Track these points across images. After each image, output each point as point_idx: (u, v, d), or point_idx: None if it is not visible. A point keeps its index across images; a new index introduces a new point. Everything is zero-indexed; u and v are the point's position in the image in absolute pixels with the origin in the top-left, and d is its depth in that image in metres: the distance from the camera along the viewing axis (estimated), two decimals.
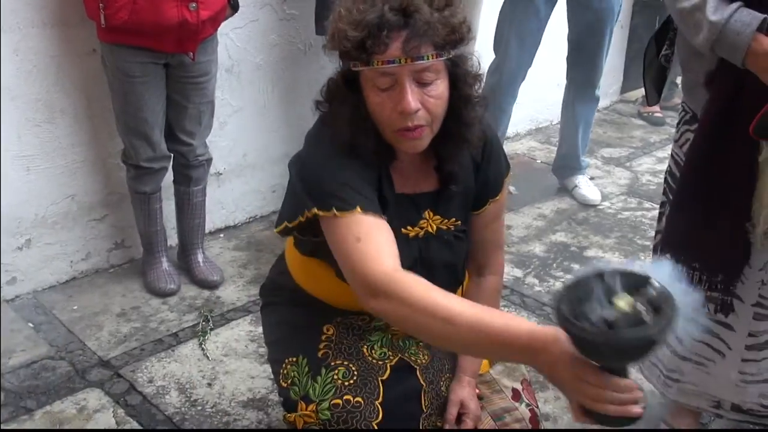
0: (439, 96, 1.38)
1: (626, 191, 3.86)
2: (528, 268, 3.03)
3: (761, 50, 1.48)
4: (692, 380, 1.95)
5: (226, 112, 3.08)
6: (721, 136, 1.63)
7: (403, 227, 1.54)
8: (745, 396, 1.93)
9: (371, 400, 1.55)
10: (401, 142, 1.41)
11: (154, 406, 2.19)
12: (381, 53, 1.31)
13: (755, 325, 1.84)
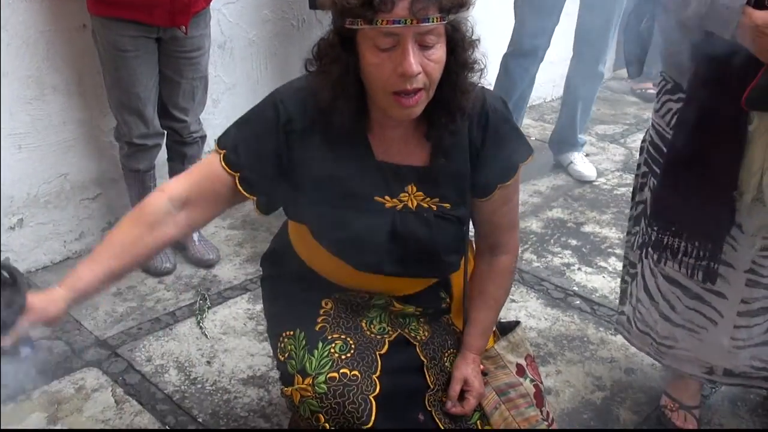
0: (438, 60, 1.35)
1: (621, 167, 3.86)
2: (526, 245, 3.03)
3: (750, 23, 1.47)
4: (685, 346, 1.96)
5: (219, 89, 3.05)
6: (708, 105, 1.62)
7: (379, 195, 1.51)
8: (736, 361, 1.95)
9: (369, 374, 1.53)
10: (395, 108, 1.37)
11: (153, 384, 2.17)
12: (387, 12, 1.27)
13: (748, 292, 1.85)
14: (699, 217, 1.73)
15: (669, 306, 1.95)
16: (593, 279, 2.80)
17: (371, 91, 1.39)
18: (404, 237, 1.52)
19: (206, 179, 1.45)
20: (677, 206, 1.76)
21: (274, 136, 1.46)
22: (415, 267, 1.58)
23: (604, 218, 3.29)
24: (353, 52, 1.35)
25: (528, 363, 1.82)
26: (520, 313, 2.56)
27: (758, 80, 1.52)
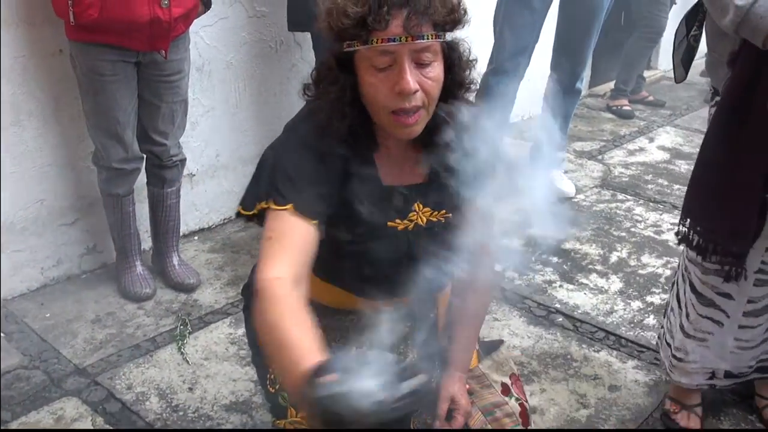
0: (435, 78, 1.35)
1: (600, 183, 3.89)
2: (507, 263, 3.03)
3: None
4: (694, 358, 2.02)
5: (198, 112, 3.04)
6: (741, 111, 1.68)
7: (391, 220, 1.51)
8: (738, 362, 2.02)
9: None
10: (395, 126, 1.37)
11: (135, 413, 2.14)
12: (381, 30, 1.28)
13: (755, 291, 1.92)
14: (728, 219, 1.77)
15: (685, 314, 2.01)
16: (575, 296, 2.81)
17: (372, 111, 1.38)
18: (419, 256, 1.52)
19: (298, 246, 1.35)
20: (708, 207, 1.81)
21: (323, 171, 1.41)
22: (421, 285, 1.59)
23: (584, 235, 3.31)
24: (352, 75, 1.35)
25: (513, 382, 1.81)
26: (503, 332, 2.56)
27: None
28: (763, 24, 1.56)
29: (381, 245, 1.49)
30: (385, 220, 1.50)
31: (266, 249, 1.33)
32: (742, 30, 1.61)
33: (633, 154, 4.34)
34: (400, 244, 1.52)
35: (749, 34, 1.60)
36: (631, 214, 3.53)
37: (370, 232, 1.49)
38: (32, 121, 2.57)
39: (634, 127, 4.80)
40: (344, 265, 1.51)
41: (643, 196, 3.72)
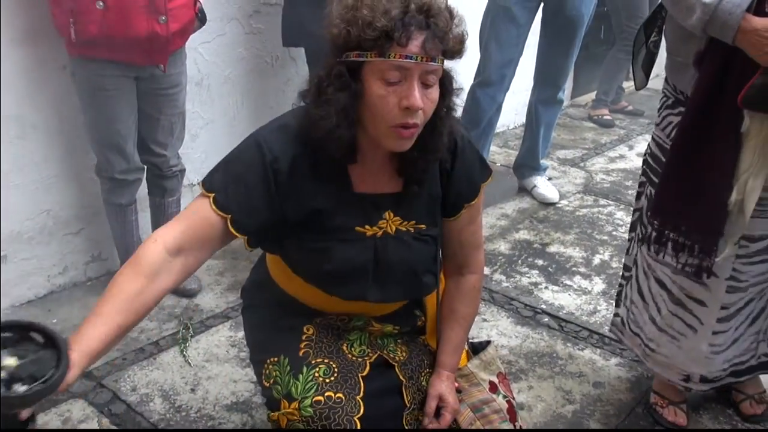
0: (434, 100, 1.37)
1: (582, 190, 3.90)
2: (495, 266, 3.04)
3: (750, 28, 1.54)
4: (665, 352, 2.01)
5: (198, 125, 3.04)
6: (710, 109, 1.68)
7: (359, 226, 1.51)
8: (712, 367, 2.00)
9: (352, 396, 1.53)
10: (392, 138, 1.37)
11: (139, 414, 2.13)
12: (402, 47, 1.29)
13: (727, 298, 1.90)
14: (697, 216, 1.77)
15: (656, 308, 1.99)
16: (560, 297, 2.82)
17: (370, 122, 1.37)
18: (387, 261, 1.53)
19: (198, 224, 1.40)
20: (676, 202, 1.79)
21: (261, 176, 1.41)
22: (396, 291, 1.59)
23: (568, 238, 3.32)
24: (359, 83, 1.35)
25: (500, 380, 1.82)
26: (491, 332, 2.57)
27: (754, 80, 1.57)
28: (732, 20, 1.55)
29: (346, 248, 1.50)
30: (353, 225, 1.51)
31: (170, 223, 1.42)
32: (710, 28, 1.59)
33: (613, 162, 4.36)
34: (366, 248, 1.52)
35: (717, 32, 1.59)
36: (613, 219, 3.54)
37: (337, 236, 1.50)
38: (38, 134, 2.56)
39: (614, 136, 4.82)
40: (313, 263, 1.52)
41: (623, 201, 3.73)
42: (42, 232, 2.67)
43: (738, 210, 1.74)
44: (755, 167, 1.69)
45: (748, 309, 1.95)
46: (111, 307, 1.28)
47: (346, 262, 1.49)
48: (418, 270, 1.58)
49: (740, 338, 1.99)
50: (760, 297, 1.96)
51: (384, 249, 1.52)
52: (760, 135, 1.66)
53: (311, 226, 1.48)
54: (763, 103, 1.60)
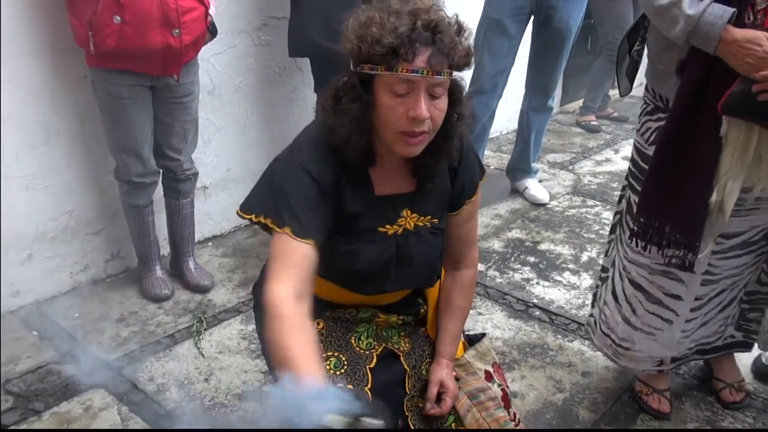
0: (442, 110, 1.38)
1: (571, 191, 3.90)
2: (489, 263, 3.04)
3: (731, 38, 1.54)
4: (641, 348, 2.00)
5: (210, 131, 3.04)
6: (691, 114, 1.67)
7: (381, 226, 1.52)
8: (681, 348, 2.02)
9: (361, 387, 1.53)
10: (401, 145, 1.38)
11: (156, 402, 2.13)
12: (408, 62, 1.30)
13: (701, 290, 1.91)
14: (681, 214, 1.76)
15: (631, 309, 1.98)
16: (550, 292, 2.82)
17: (381, 129, 1.39)
18: (408, 256, 1.54)
19: (297, 264, 1.36)
20: (660, 201, 1.79)
21: (318, 196, 1.41)
22: (411, 281, 1.60)
23: (558, 237, 3.31)
24: (370, 94, 1.36)
25: (495, 369, 1.82)
26: (486, 325, 2.57)
27: (734, 88, 1.57)
28: (714, 31, 1.55)
29: (372, 248, 1.51)
30: (376, 226, 1.51)
31: (271, 269, 1.36)
32: (693, 38, 1.59)
33: (600, 165, 4.35)
34: (389, 246, 1.53)
35: (700, 42, 1.59)
36: (600, 218, 3.54)
37: (364, 237, 1.50)
38: (61, 140, 2.56)
39: (600, 141, 4.82)
40: (341, 265, 1.52)
41: (609, 201, 3.73)
42: (65, 232, 2.68)
43: (718, 210, 1.74)
44: (734, 170, 1.68)
45: (720, 298, 1.96)
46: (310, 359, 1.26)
47: (372, 261, 1.50)
48: (433, 261, 1.61)
49: (710, 321, 2.00)
50: (732, 288, 1.97)
51: (405, 245, 1.54)
52: (738, 140, 1.65)
53: (342, 229, 1.48)
54: (742, 110, 1.59)
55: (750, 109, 1.58)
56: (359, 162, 1.44)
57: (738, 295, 2.01)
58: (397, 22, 1.31)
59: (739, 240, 1.86)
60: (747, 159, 1.66)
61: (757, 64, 1.52)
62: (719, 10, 1.55)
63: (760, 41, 1.51)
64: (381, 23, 1.31)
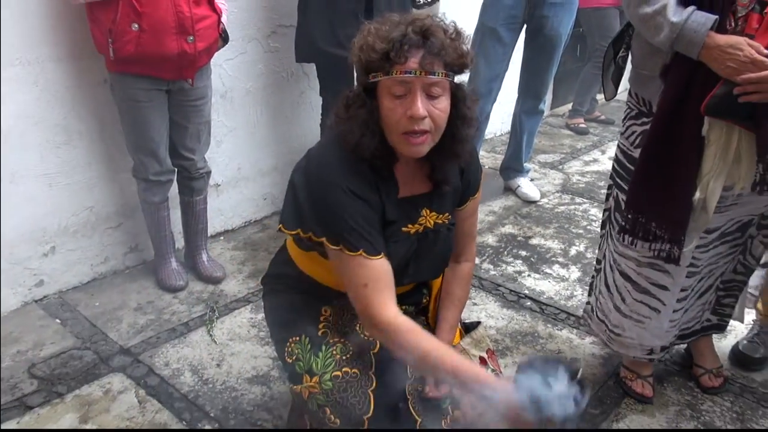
0: (442, 110, 1.37)
1: (560, 189, 3.89)
2: (483, 256, 3.04)
3: (713, 44, 1.54)
4: (631, 335, 2.00)
5: (222, 132, 3.03)
6: (675, 116, 1.67)
7: (404, 226, 1.53)
8: (670, 337, 2.02)
9: (366, 371, 1.53)
10: (405, 145, 1.38)
11: (171, 385, 2.13)
12: (401, 64, 1.31)
13: (686, 282, 1.91)
14: (667, 210, 1.76)
15: (621, 298, 1.98)
16: (541, 283, 2.82)
17: (387, 131, 1.40)
18: (427, 251, 1.55)
19: (385, 282, 1.40)
20: (648, 198, 1.78)
21: (372, 213, 1.43)
22: (424, 273, 1.62)
23: (548, 232, 3.31)
24: (375, 100, 1.38)
25: (489, 356, 1.82)
26: (480, 314, 2.57)
27: (716, 91, 1.57)
28: (697, 37, 1.54)
29: (398, 248, 1.52)
30: (400, 226, 1.52)
31: (368, 296, 1.39)
32: (677, 44, 1.58)
33: (588, 165, 4.35)
34: (411, 244, 1.54)
35: (683, 48, 1.58)
36: (587, 215, 3.53)
37: (392, 239, 1.51)
38: (82, 140, 2.56)
39: (588, 142, 4.81)
40: None
41: (596, 199, 3.73)
42: (86, 226, 2.68)
43: (701, 207, 1.74)
44: (716, 170, 1.68)
45: (699, 285, 1.97)
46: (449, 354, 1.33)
47: (396, 260, 1.50)
48: (447, 255, 1.64)
49: (689, 308, 2.01)
50: (709, 276, 1.98)
51: (425, 242, 1.55)
52: (719, 141, 1.65)
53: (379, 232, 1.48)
54: (723, 112, 1.59)
55: (731, 111, 1.57)
56: (381, 163, 1.43)
57: (714, 283, 2.02)
58: (391, 30, 1.33)
59: (717, 233, 1.87)
60: (728, 159, 1.66)
61: (739, 68, 1.51)
62: (702, 18, 1.55)
63: (742, 46, 1.51)
64: (377, 33, 1.34)
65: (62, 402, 2.05)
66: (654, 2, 1.61)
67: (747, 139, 1.64)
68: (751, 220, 1.90)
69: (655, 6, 1.60)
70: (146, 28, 2.16)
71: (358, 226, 1.40)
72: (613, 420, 2.02)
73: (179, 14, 2.19)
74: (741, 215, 1.86)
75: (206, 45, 2.33)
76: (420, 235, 1.54)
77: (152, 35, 2.18)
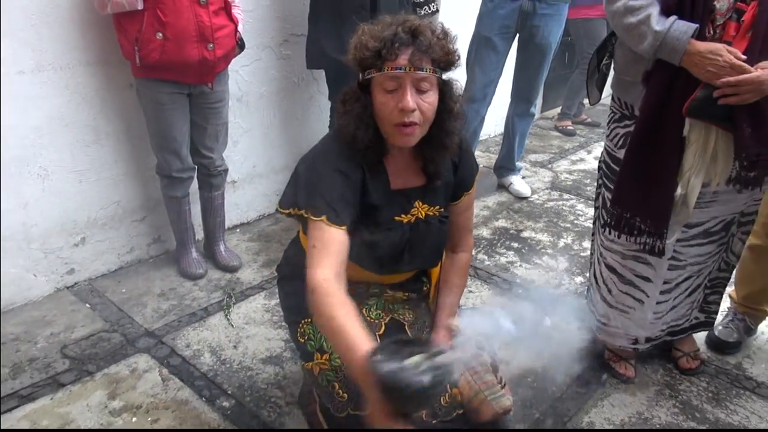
0: (431, 103, 1.37)
1: (549, 186, 3.88)
2: (478, 248, 3.03)
3: (694, 51, 1.54)
4: (616, 324, 1.99)
5: (238, 133, 3.03)
6: (658, 119, 1.66)
7: (397, 216, 1.52)
8: (654, 330, 1.99)
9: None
10: (396, 136, 1.39)
11: (192, 365, 2.14)
12: (392, 61, 1.31)
13: (669, 275, 1.89)
14: (650, 207, 1.74)
15: (607, 290, 1.97)
16: (531, 273, 2.81)
17: (380, 124, 1.40)
18: (419, 241, 1.55)
19: (335, 248, 1.36)
20: (632, 195, 1.77)
21: (348, 190, 1.42)
22: (420, 262, 1.61)
23: (538, 226, 3.30)
24: (369, 95, 1.39)
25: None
26: (476, 301, 2.56)
27: (696, 94, 1.57)
28: (679, 45, 1.54)
29: (391, 236, 1.51)
30: (393, 216, 1.51)
31: (313, 256, 1.35)
32: (660, 51, 1.57)
33: (575, 164, 4.33)
34: (404, 233, 1.53)
35: (667, 55, 1.57)
36: (574, 210, 3.52)
37: (384, 227, 1.50)
38: (109, 140, 2.56)
39: (575, 143, 4.80)
40: (365, 251, 1.52)
41: (583, 195, 3.72)
42: (113, 219, 2.68)
43: (682, 203, 1.73)
44: (696, 168, 1.67)
45: (687, 284, 1.94)
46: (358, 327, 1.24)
47: (390, 247, 1.51)
48: (440, 245, 1.62)
49: (678, 305, 1.98)
50: (698, 275, 1.95)
51: (417, 231, 1.54)
52: (699, 141, 1.64)
53: (366, 220, 1.48)
54: (703, 113, 1.58)
55: (711, 113, 1.57)
56: (373, 153, 1.44)
57: (703, 282, 1.99)
58: (383, 30, 1.33)
59: (700, 229, 1.85)
60: (706, 157, 1.65)
61: (719, 72, 1.51)
62: (684, 26, 1.54)
63: (721, 52, 1.50)
64: (370, 33, 1.35)
65: (92, 380, 2.05)
66: (638, 13, 1.60)
67: (723, 139, 1.63)
68: (733, 218, 1.89)
69: (639, 16, 1.59)
70: (170, 37, 2.15)
71: (328, 196, 1.39)
72: (597, 398, 2.02)
73: (200, 24, 2.18)
74: (724, 214, 1.84)
75: (225, 52, 2.33)
76: (412, 225, 1.54)
77: (175, 43, 2.17)
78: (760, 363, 2.19)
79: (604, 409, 1.97)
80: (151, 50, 2.18)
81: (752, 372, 2.14)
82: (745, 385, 2.08)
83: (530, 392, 2.02)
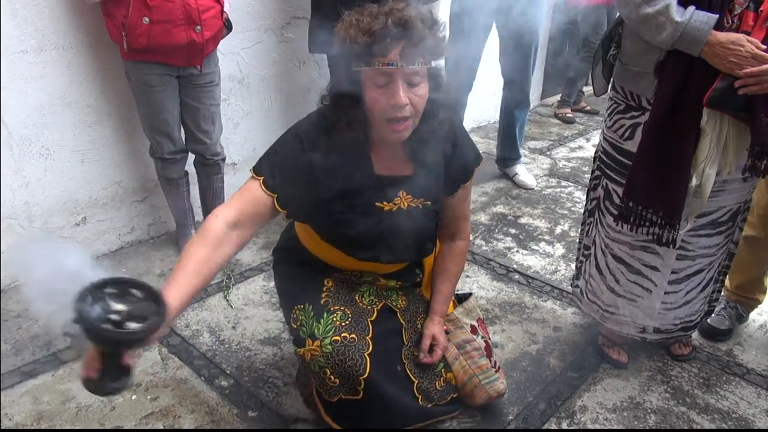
0: (422, 96, 1.35)
1: (548, 173, 3.87)
2: (476, 233, 3.03)
3: (715, 41, 1.51)
4: (624, 313, 1.97)
5: (239, 115, 3.01)
6: (673, 109, 1.63)
7: (379, 201, 1.51)
8: (664, 321, 1.97)
9: (363, 336, 1.53)
10: (388, 131, 1.37)
11: (191, 345, 2.15)
12: (383, 56, 1.28)
13: (677, 264, 1.87)
14: (663, 198, 1.72)
15: (614, 279, 1.95)
16: (528, 259, 2.81)
17: (371, 118, 1.38)
18: (398, 230, 1.53)
19: (251, 202, 1.37)
20: (646, 185, 1.74)
21: (301, 163, 1.41)
22: (403, 254, 1.58)
23: (536, 212, 3.30)
24: (359, 89, 1.35)
25: (479, 324, 1.82)
26: (472, 286, 2.57)
27: (717, 84, 1.54)
28: (700, 35, 1.51)
29: (368, 219, 1.50)
30: (374, 200, 1.50)
31: (226, 202, 1.39)
32: (680, 43, 1.54)
33: (574, 151, 4.32)
34: (382, 219, 1.51)
35: (686, 46, 1.54)
36: (572, 197, 3.52)
37: (362, 209, 1.49)
38: (111, 121, 2.55)
39: (574, 130, 4.78)
40: (338, 229, 1.51)
41: (581, 183, 3.71)
42: (114, 200, 2.67)
43: (695, 193, 1.71)
44: (711, 158, 1.65)
45: (699, 277, 1.91)
46: (185, 272, 1.24)
47: (367, 231, 1.50)
48: (422, 238, 1.58)
49: (692, 301, 1.95)
50: (709, 268, 1.92)
51: (396, 220, 1.52)
52: (714, 131, 1.62)
53: (340, 201, 1.47)
54: (724, 103, 1.56)
55: (731, 103, 1.55)
56: (356, 145, 1.42)
57: (714, 275, 1.97)
58: (372, 22, 1.28)
59: (708, 219, 1.82)
60: (720, 147, 1.64)
61: (740, 62, 1.49)
62: (704, 17, 1.51)
63: (742, 42, 1.48)
64: (358, 25, 1.29)
65: None
66: (655, 3, 1.56)
67: (735, 129, 1.62)
68: (739, 207, 1.87)
69: (656, 6, 1.55)
70: (156, 21, 2.12)
71: (277, 165, 1.40)
72: (591, 382, 2.03)
73: (186, 6, 2.15)
74: (730, 203, 1.83)
75: (212, 33, 2.29)
76: (393, 213, 1.52)
77: (162, 27, 2.14)
78: (751, 350, 2.20)
79: (596, 394, 1.98)
80: (137, 35, 2.14)
81: (742, 359, 2.15)
82: (735, 372, 2.09)
83: (524, 376, 2.03)
